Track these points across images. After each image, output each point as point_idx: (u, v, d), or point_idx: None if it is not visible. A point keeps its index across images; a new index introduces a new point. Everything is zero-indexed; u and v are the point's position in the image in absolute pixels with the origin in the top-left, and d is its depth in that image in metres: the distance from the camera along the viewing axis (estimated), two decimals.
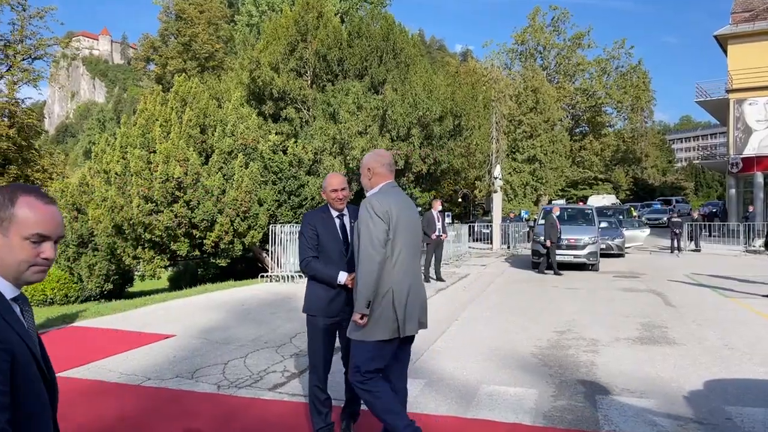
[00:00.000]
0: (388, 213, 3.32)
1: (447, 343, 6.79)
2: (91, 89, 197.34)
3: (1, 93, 28.05)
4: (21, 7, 28.13)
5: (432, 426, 4.19)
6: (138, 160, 14.70)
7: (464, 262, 18.53)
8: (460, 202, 43.00)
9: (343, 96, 18.66)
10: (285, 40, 19.71)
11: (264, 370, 5.64)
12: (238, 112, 16.88)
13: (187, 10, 52.32)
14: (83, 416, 4.33)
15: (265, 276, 13.84)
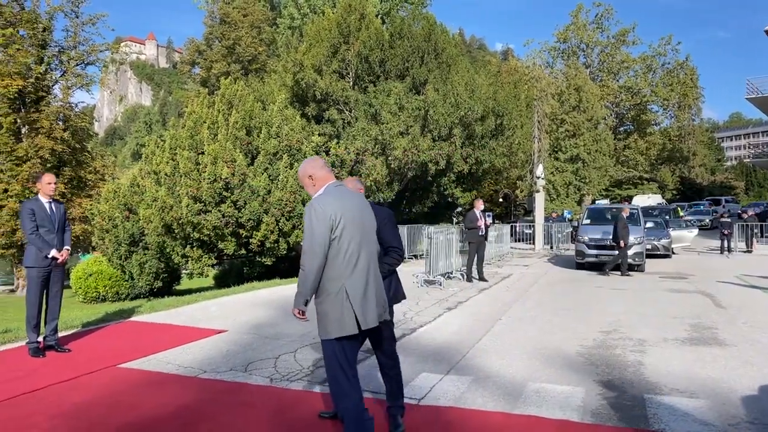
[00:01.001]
0: (330, 214, 3.40)
1: (492, 342, 6.84)
2: (138, 93, 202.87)
3: (56, 98, 29.16)
4: (74, 14, 29.21)
5: (480, 421, 4.27)
6: (187, 161, 15.14)
7: (506, 262, 18.46)
8: (501, 202, 42.72)
9: (384, 97, 18.83)
10: (327, 43, 19.99)
11: (314, 365, 5.80)
12: (283, 114, 17.18)
13: (231, 14, 53.35)
14: (148, 405, 4.56)
15: None
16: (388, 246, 4.25)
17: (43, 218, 6.18)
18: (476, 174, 21.03)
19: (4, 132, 26.44)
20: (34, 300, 6.13)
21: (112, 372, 5.57)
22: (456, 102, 17.71)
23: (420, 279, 12.41)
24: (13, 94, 26.23)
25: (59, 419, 4.24)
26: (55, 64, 29.56)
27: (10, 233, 26.33)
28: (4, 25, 27.75)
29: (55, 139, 27.05)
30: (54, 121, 27.69)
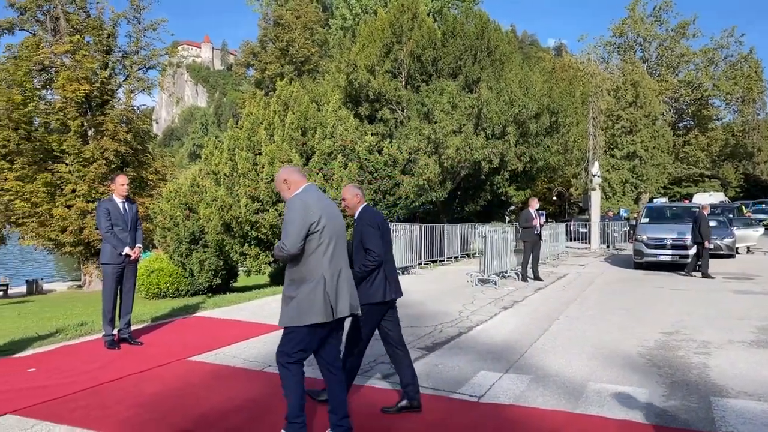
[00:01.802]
0: (311, 208, 3.69)
1: (550, 342, 6.82)
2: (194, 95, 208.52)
3: (119, 101, 30.37)
4: (136, 20, 30.35)
5: (542, 419, 4.30)
6: (245, 161, 15.55)
7: (561, 261, 18.21)
8: (554, 200, 42.03)
9: (437, 95, 18.84)
10: (380, 43, 20.14)
11: (374, 361, 5.92)
12: (337, 114, 17.41)
13: (284, 16, 54.28)
14: (217, 396, 4.77)
15: None
16: (366, 248, 4.39)
17: (117, 217, 6.50)
18: (530, 172, 20.79)
19: (72, 135, 27.67)
20: (110, 295, 6.47)
21: (183, 365, 5.83)
22: (510, 100, 17.57)
23: (474, 278, 12.41)
24: (80, 99, 27.45)
25: (136, 408, 4.48)
26: (119, 69, 30.80)
27: (78, 231, 27.54)
28: (71, 32, 29.07)
29: (119, 140, 28.15)
30: (118, 124, 28.82)
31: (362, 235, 4.42)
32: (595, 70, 36.50)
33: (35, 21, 30.45)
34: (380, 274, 4.46)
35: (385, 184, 17.47)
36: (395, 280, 4.62)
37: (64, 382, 5.13)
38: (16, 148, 26.95)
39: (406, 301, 9.88)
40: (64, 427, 4.07)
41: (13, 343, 6.82)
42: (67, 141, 27.57)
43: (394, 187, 17.64)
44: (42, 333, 7.53)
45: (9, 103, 26.08)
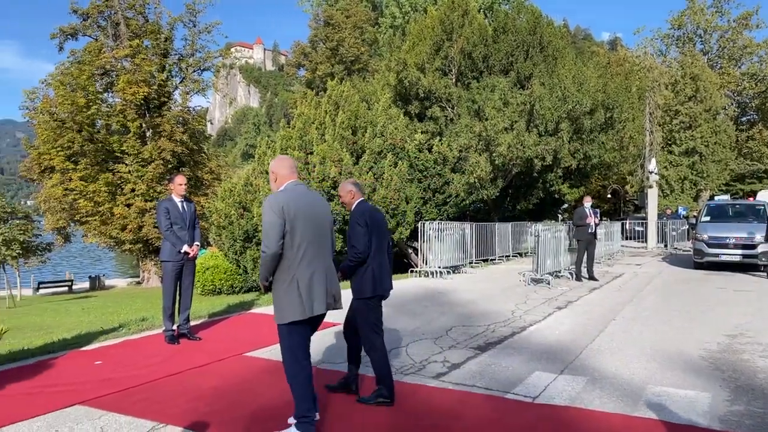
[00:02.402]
0: (284, 209, 3.77)
1: (606, 343, 6.67)
2: (247, 95, 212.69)
3: (176, 102, 31.28)
4: (192, 24, 31.20)
5: (599, 422, 4.21)
6: (297, 161, 15.77)
7: (617, 261, 17.79)
8: (609, 198, 41.06)
9: (488, 92, 18.66)
10: (430, 40, 20.09)
11: (426, 360, 5.92)
12: (387, 113, 17.45)
13: (334, 16, 54.79)
14: (274, 391, 4.86)
15: (414, 271, 14.27)
16: (351, 243, 4.52)
17: (176, 216, 6.71)
18: (584, 169, 20.37)
19: (132, 136, 28.67)
20: (169, 291, 6.68)
21: (239, 360, 5.97)
22: (563, 96, 17.24)
23: (527, 277, 12.25)
24: (139, 101, 28.42)
25: (196, 402, 4.62)
26: (175, 71, 31.76)
27: (137, 229, 28.52)
28: (131, 36, 30.11)
29: (175, 141, 29.00)
30: (174, 125, 29.70)
31: (350, 232, 4.55)
32: (652, 63, 35.44)
33: (97, 27, 31.70)
34: (368, 270, 4.53)
35: (435, 183, 17.42)
36: (385, 275, 4.67)
37: (128, 375, 5.33)
38: (80, 149, 28.09)
39: (457, 300, 9.85)
40: (129, 418, 4.23)
41: (81, 337, 7.13)
42: (126, 142, 28.59)
43: (444, 185, 17.57)
44: (106, 327, 7.83)
45: (73, 106, 27.21)
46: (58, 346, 6.64)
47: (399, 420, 4.25)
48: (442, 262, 14.03)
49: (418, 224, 15.53)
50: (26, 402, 4.56)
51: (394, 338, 6.88)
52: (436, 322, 7.87)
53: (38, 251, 31.22)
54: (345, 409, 4.47)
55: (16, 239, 28.34)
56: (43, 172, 30.38)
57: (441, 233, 14.29)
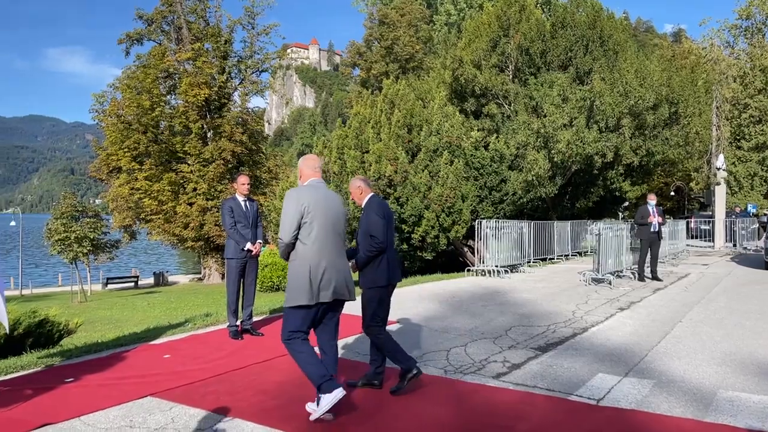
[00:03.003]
0: (303, 202, 4.08)
1: (673, 345, 6.46)
2: (302, 95, 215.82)
3: (235, 104, 32.05)
4: (251, 26, 31.90)
5: (667, 426, 4.09)
6: (353, 160, 15.92)
7: (682, 260, 17.19)
8: (672, 196, 39.67)
9: (546, 88, 18.35)
10: (487, 37, 19.90)
11: (485, 359, 5.89)
12: (443, 111, 17.40)
13: (389, 14, 54.92)
14: None
15: (471, 270, 14.18)
16: (370, 234, 4.63)
17: (239, 215, 6.89)
18: (646, 166, 19.77)
19: (194, 136, 29.54)
20: (233, 288, 6.86)
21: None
22: (625, 91, 16.78)
23: (587, 277, 11.98)
24: (200, 102, 29.25)
25: (261, 396, 4.74)
26: (235, 73, 32.54)
27: (199, 227, 29.36)
28: (192, 40, 31.02)
29: (235, 141, 29.73)
30: (234, 126, 30.44)
31: (367, 224, 4.65)
32: (719, 56, 33.96)
33: (161, 31, 32.82)
34: (384, 260, 4.70)
35: (492, 181, 17.26)
36: (396, 265, 4.86)
37: (195, 368, 5.52)
38: (145, 150, 29.15)
39: (516, 300, 9.74)
40: (198, 410, 4.37)
41: (150, 331, 7.42)
42: (189, 143, 29.48)
43: (500, 183, 17.39)
44: (173, 322, 8.12)
45: (139, 108, 28.26)
46: (129, 339, 6.92)
47: (462, 419, 4.24)
48: (499, 261, 13.89)
49: (474, 222, 15.43)
50: (102, 392, 4.78)
51: (453, 337, 6.87)
52: (494, 322, 7.81)
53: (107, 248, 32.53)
54: (404, 406, 4.50)
55: (87, 236, 29.62)
56: (111, 172, 31.70)
57: (498, 232, 14.14)
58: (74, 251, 29.33)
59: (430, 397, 4.73)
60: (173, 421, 4.16)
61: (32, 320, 6.87)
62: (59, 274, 44.42)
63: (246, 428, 4.03)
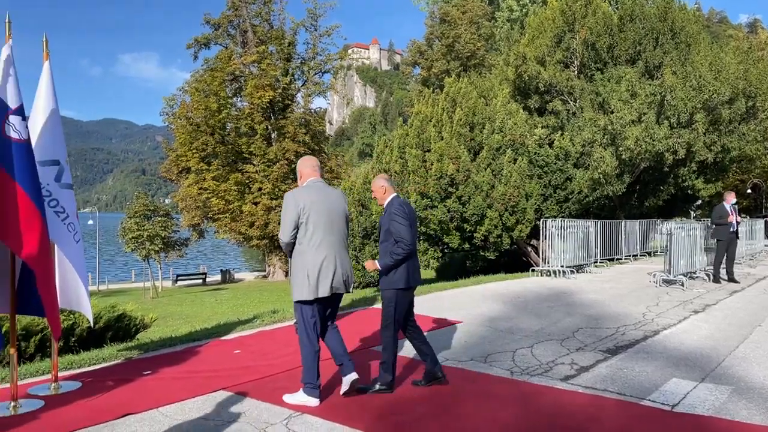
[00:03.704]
0: (300, 202, 4.32)
1: (752, 350, 6.17)
2: (363, 95, 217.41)
3: (298, 105, 32.64)
4: (314, 28, 32.41)
5: None
6: (414, 159, 15.93)
7: (760, 261, 16.38)
8: (749, 194, 37.87)
9: (614, 84, 17.82)
10: (551, 33, 19.50)
11: (552, 361, 5.79)
12: (506, 108, 17.18)
13: (450, 12, 54.58)
14: (402, 386, 4.97)
15: (535, 270, 13.95)
16: (396, 238, 4.64)
17: None
18: (721, 163, 18.90)
19: (258, 137, 30.27)
20: None
21: (366, 354, 6.16)
22: (698, 85, 16.08)
23: (658, 278, 11.58)
24: (265, 104, 29.95)
25: (329, 392, 4.82)
26: (298, 75, 33.13)
27: (263, 226, 30.06)
28: (257, 43, 31.78)
29: (298, 142, 30.28)
30: (297, 126, 31.00)
31: (390, 225, 4.67)
32: None
33: (227, 35, 33.77)
34: (406, 263, 4.69)
35: (556, 179, 16.91)
36: (417, 268, 4.86)
37: (265, 364, 5.67)
38: (213, 151, 30.09)
39: (583, 301, 9.52)
40: (268, 405, 4.50)
41: (220, 327, 7.67)
42: (254, 143, 30.23)
43: (565, 181, 17.01)
44: (242, 318, 8.36)
45: (207, 110, 29.19)
46: (201, 334, 7.18)
47: (529, 420, 4.20)
48: (564, 261, 13.61)
49: (538, 222, 15.17)
50: (178, 385, 4.98)
51: (518, 338, 6.78)
52: (561, 323, 7.66)
53: (177, 246, 33.80)
54: (469, 407, 4.48)
55: (159, 235, 30.85)
56: (180, 172, 32.89)
57: (563, 231, 13.85)
58: (146, 249, 30.60)
59: (496, 397, 4.70)
60: (245, 415, 4.30)
61: (112, 315, 7.22)
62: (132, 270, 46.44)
63: (315, 423, 4.12)
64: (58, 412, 4.33)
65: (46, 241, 4.39)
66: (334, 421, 4.14)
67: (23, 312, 4.77)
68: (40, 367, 5.53)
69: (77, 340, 6.59)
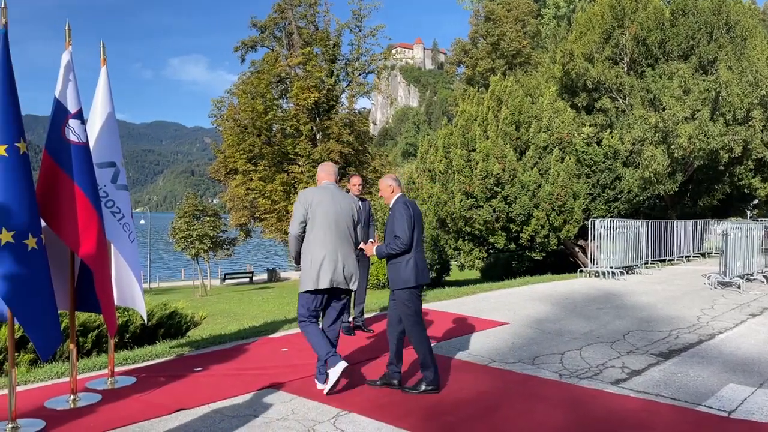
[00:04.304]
0: (307, 200, 4.72)
1: None
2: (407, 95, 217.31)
3: (342, 105, 32.87)
4: (358, 29, 32.57)
5: None
6: (459, 158, 15.82)
7: None
8: None
9: (665, 80, 17.34)
10: (599, 29, 19.10)
11: (602, 365, 5.67)
12: (553, 106, 16.91)
13: (495, 10, 54.03)
14: (449, 386, 4.95)
15: (584, 271, 13.69)
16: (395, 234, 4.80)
17: None
18: None
19: (304, 138, 30.62)
20: None
21: (412, 354, 6.12)
22: (755, 80, 15.49)
23: (713, 280, 11.20)
24: (310, 105, 30.27)
25: (377, 391, 4.84)
26: (342, 76, 33.37)
27: None
28: (302, 45, 32.15)
29: (342, 142, 30.49)
30: (342, 127, 31.21)
31: (393, 223, 4.85)
32: None
33: (273, 38, 34.26)
34: (411, 261, 4.80)
35: (605, 178, 16.56)
36: (425, 267, 4.99)
37: (311, 362, 5.69)
38: (259, 152, 30.59)
39: (633, 303, 9.30)
40: (315, 403, 4.54)
41: (268, 325, 7.79)
42: (299, 144, 30.59)
43: (614, 180, 16.65)
44: (288, 317, 8.47)
45: (254, 112, 29.69)
46: (250, 332, 7.30)
47: (579, 424, 4.12)
48: (614, 262, 13.31)
49: (586, 222, 14.89)
50: (227, 382, 5.08)
51: (567, 340, 6.67)
52: (611, 326, 7.50)
53: (224, 245, 34.49)
54: (518, 409, 4.43)
55: (207, 234, 31.55)
56: (228, 173, 33.53)
57: (612, 231, 13.56)
58: (196, 248, 31.32)
59: (545, 400, 4.63)
60: (293, 413, 4.35)
61: (164, 312, 7.41)
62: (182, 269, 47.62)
63: (362, 423, 4.14)
64: (114, 407, 4.48)
65: (103, 241, 4.54)
66: (381, 420, 4.15)
67: (82, 309, 4.94)
68: (97, 362, 5.73)
69: (131, 337, 6.79)
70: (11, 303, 3.84)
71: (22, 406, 4.25)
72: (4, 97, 3.84)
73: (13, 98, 3.89)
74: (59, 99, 4.43)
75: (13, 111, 3.88)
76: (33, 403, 4.49)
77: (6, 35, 3.90)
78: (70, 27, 4.63)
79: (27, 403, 4.44)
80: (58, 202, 4.31)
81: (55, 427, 4.05)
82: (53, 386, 5.03)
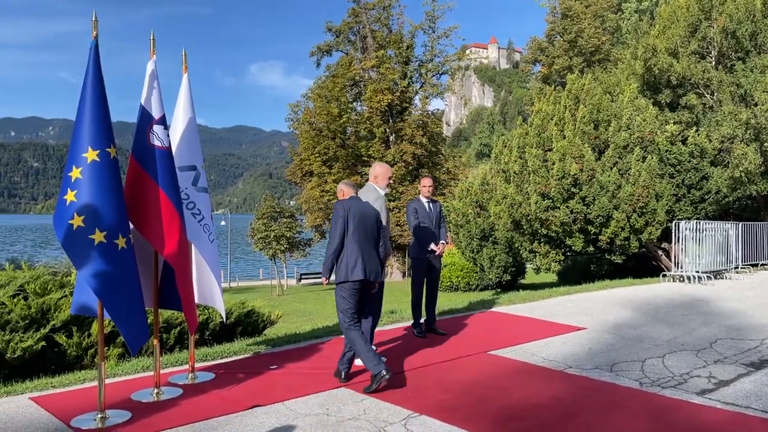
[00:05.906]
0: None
1: None
2: (481, 95, 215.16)
3: (416, 107, 32.93)
4: (431, 30, 32.56)
5: None
6: (535, 159, 15.49)
7: None
8: None
9: (757, 74, 16.32)
10: (685, 22, 18.20)
11: (687, 374, 5.40)
12: (634, 104, 16.28)
13: (573, 7, 52.54)
14: (521, 391, 4.86)
15: (667, 275, 13.10)
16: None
17: (423, 216, 7.06)
18: None
19: (377, 141, 30.88)
20: (418, 287, 7.06)
21: (483, 357, 6.07)
22: None
23: None
24: (383, 108, 30.49)
25: (446, 394, 4.81)
26: (416, 77, 33.43)
27: None
28: (376, 48, 32.43)
29: (416, 144, 30.55)
30: (415, 129, 31.27)
31: None
32: None
33: (347, 42, 34.75)
34: (343, 258, 5.31)
35: (691, 178, 15.79)
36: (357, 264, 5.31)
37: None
38: (334, 154, 31.10)
39: (721, 309, 8.81)
40: (387, 404, 4.56)
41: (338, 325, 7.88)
42: (372, 147, 30.89)
43: (701, 180, 15.85)
44: None
45: (329, 116, 30.22)
46: (323, 332, 7.43)
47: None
48: (700, 267, 12.66)
49: (670, 224, 14.24)
50: (301, 381, 5.18)
51: (648, 347, 6.40)
52: (696, 333, 7.13)
53: (301, 246, 35.25)
54: (595, 418, 4.29)
55: (284, 235, 32.36)
56: (304, 175, 34.28)
57: (699, 234, 12.90)
58: (273, 249, 32.19)
59: (623, 409, 4.46)
60: (365, 413, 4.39)
61: (242, 310, 7.65)
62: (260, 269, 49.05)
63: (433, 425, 4.12)
64: (194, 401, 4.67)
65: (184, 241, 4.75)
66: (452, 423, 4.12)
67: (165, 306, 5.18)
68: (179, 358, 6.00)
69: (211, 334, 7.05)
70: (103, 298, 4.07)
71: (110, 398, 4.50)
72: (96, 105, 4.09)
73: (104, 106, 4.14)
74: (144, 106, 4.67)
75: (103, 118, 4.13)
76: (120, 396, 4.74)
77: (97, 47, 4.15)
78: (154, 37, 4.87)
79: (115, 395, 4.69)
80: (142, 204, 4.54)
81: (140, 419, 4.26)
82: (138, 380, 5.29)
